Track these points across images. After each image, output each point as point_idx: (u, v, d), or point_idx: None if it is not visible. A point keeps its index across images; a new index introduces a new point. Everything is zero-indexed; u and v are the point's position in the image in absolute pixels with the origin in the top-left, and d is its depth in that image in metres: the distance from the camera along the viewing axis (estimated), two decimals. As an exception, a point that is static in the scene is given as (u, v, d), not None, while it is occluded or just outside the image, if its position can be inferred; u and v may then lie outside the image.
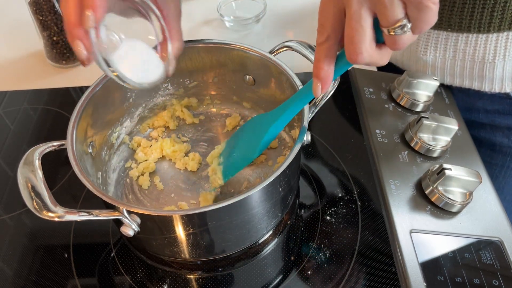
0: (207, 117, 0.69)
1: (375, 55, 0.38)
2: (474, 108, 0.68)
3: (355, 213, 0.58)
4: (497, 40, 0.57)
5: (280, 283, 0.52)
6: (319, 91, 0.43)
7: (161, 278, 0.53)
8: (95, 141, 0.57)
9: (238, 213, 0.48)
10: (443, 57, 0.63)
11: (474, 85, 0.64)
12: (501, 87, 0.62)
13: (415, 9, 0.34)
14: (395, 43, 0.37)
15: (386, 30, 0.36)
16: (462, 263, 0.51)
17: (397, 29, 0.35)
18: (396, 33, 0.36)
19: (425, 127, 0.61)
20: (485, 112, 0.68)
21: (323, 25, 0.40)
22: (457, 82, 0.66)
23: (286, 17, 0.92)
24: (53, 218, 0.42)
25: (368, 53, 0.37)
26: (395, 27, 0.35)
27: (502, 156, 0.71)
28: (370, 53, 0.37)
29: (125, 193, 0.60)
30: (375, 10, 0.36)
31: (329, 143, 0.67)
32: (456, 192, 0.55)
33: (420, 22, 0.35)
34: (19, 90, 0.79)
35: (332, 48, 0.40)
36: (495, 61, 0.59)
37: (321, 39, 0.40)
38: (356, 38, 0.36)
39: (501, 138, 0.69)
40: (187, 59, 0.63)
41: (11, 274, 0.54)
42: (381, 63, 0.39)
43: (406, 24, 0.35)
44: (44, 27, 0.77)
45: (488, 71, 0.60)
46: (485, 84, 0.63)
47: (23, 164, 0.46)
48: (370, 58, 0.38)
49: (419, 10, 0.34)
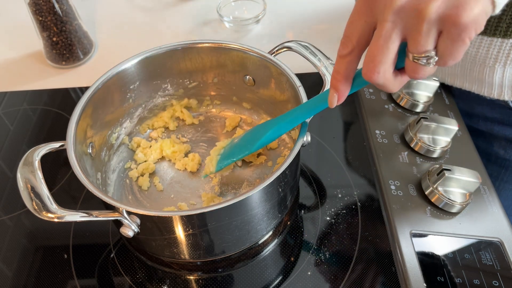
0: (207, 118, 0.69)
1: (390, 79, 0.38)
2: (473, 113, 0.68)
3: (355, 214, 0.58)
4: (501, 46, 0.57)
5: (280, 283, 0.52)
6: (335, 102, 0.43)
7: (160, 279, 0.53)
8: (95, 141, 0.57)
9: (238, 213, 0.48)
10: None
11: (473, 88, 0.64)
12: (500, 94, 0.61)
13: (448, 41, 0.33)
14: (415, 72, 0.36)
15: (411, 56, 0.35)
16: (462, 264, 0.51)
17: (423, 58, 0.35)
18: (421, 62, 0.35)
19: (425, 127, 0.61)
20: (484, 120, 0.67)
21: (349, 37, 0.39)
22: (457, 83, 0.66)
23: (286, 17, 0.92)
24: (53, 219, 0.42)
25: (385, 75, 0.37)
26: (421, 56, 0.35)
27: (497, 167, 0.70)
28: (387, 76, 0.37)
29: (125, 194, 0.60)
30: (407, 35, 0.35)
31: (329, 143, 0.67)
32: (456, 193, 0.55)
33: (448, 55, 0.34)
34: (18, 91, 0.79)
35: (353, 62, 0.40)
36: (495, 66, 0.59)
37: (344, 51, 0.39)
38: (378, 57, 0.36)
39: (498, 149, 0.69)
40: (187, 59, 0.63)
41: (10, 275, 0.54)
42: (392, 90, 0.39)
43: (433, 56, 0.35)
44: (44, 27, 0.77)
45: (487, 75, 0.60)
46: (484, 89, 0.62)
47: (22, 164, 0.46)
48: (384, 81, 0.37)
49: (453, 42, 0.33)
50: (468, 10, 0.31)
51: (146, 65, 0.61)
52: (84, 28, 0.83)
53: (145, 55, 0.60)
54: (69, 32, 0.79)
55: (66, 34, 0.79)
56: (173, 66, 0.63)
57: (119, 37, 0.89)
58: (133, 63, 0.59)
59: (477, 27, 0.32)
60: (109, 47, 0.87)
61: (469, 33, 0.32)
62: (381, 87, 0.39)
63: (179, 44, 0.61)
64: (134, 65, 0.60)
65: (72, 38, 0.80)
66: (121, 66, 0.58)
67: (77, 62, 0.82)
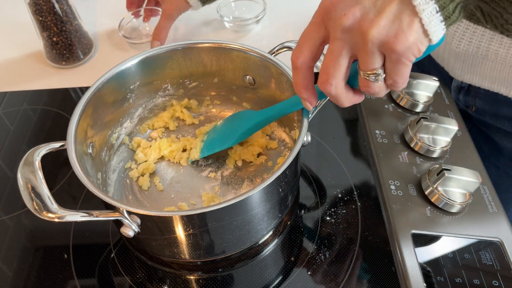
0: (207, 118, 0.69)
1: (342, 92, 0.41)
2: (500, 115, 0.67)
3: (355, 214, 0.58)
4: None
5: (280, 283, 0.52)
6: (308, 106, 0.46)
7: (161, 279, 0.53)
8: (95, 141, 0.57)
9: (238, 213, 0.48)
10: (475, 53, 0.62)
11: (502, 90, 0.63)
12: None
13: (390, 64, 0.37)
14: (367, 87, 0.40)
15: (362, 73, 0.39)
16: (462, 264, 0.51)
17: (371, 75, 0.38)
18: (370, 78, 0.39)
19: (425, 127, 0.61)
20: (511, 121, 0.67)
21: (300, 47, 0.42)
22: (485, 84, 0.65)
23: (286, 17, 0.92)
24: (53, 219, 0.42)
25: (337, 88, 0.40)
26: (369, 74, 0.38)
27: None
28: (339, 89, 0.40)
29: (125, 194, 0.60)
30: (356, 53, 0.38)
31: (329, 143, 0.67)
32: (456, 193, 0.55)
33: (394, 74, 0.38)
34: (18, 91, 0.79)
35: (306, 73, 0.43)
36: None
37: (296, 61, 0.42)
38: (330, 71, 0.39)
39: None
40: (187, 59, 0.63)
41: (10, 274, 0.54)
42: (343, 103, 0.42)
43: (380, 74, 0.38)
44: (44, 27, 0.77)
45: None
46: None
47: (23, 164, 0.46)
48: (336, 93, 0.41)
49: (394, 64, 0.37)
50: (403, 39, 0.35)
51: (146, 65, 0.61)
52: (84, 28, 0.83)
53: (145, 55, 0.60)
54: (69, 32, 0.79)
55: (66, 34, 0.79)
56: (173, 66, 0.63)
57: (119, 37, 0.89)
58: (133, 63, 0.59)
59: (414, 53, 0.36)
60: (109, 47, 0.87)
61: (407, 57, 0.36)
62: (333, 99, 0.42)
63: (179, 44, 0.61)
64: (134, 65, 0.60)
65: (72, 38, 0.80)
66: (121, 66, 0.58)
67: (77, 62, 0.82)
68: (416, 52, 0.36)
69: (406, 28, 0.35)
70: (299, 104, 0.50)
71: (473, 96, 0.69)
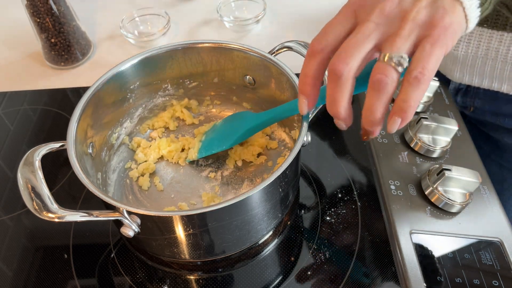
0: (207, 118, 0.69)
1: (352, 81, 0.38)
2: (500, 112, 0.67)
3: (355, 214, 0.58)
4: None
5: (280, 283, 0.52)
6: (305, 108, 0.43)
7: (161, 279, 0.53)
8: (95, 141, 0.57)
9: (238, 213, 0.48)
10: (475, 54, 0.62)
11: (503, 88, 0.63)
12: None
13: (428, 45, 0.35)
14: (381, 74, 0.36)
15: (384, 55, 0.36)
16: (462, 264, 0.51)
17: (395, 58, 0.35)
18: (392, 62, 0.35)
19: (425, 127, 0.61)
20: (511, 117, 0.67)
21: (324, 33, 0.39)
22: (485, 83, 0.65)
23: (286, 17, 0.92)
24: (53, 219, 0.42)
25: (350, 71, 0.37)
26: (394, 56, 0.35)
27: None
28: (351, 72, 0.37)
29: (125, 194, 0.60)
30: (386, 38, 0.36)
31: (329, 143, 0.67)
32: (456, 193, 0.55)
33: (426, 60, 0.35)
34: (18, 91, 0.79)
35: (322, 63, 0.40)
36: None
37: (317, 46, 0.40)
38: (351, 50, 0.37)
39: None
40: (187, 59, 0.63)
41: (10, 274, 0.54)
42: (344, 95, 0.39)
43: (405, 59, 0.36)
44: (42, 29, 0.77)
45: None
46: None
47: (23, 164, 0.46)
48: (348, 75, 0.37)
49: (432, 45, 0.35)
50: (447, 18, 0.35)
51: (146, 65, 0.61)
52: (82, 29, 0.83)
53: (145, 55, 0.60)
54: (67, 33, 0.79)
55: (64, 35, 0.79)
56: (173, 66, 0.63)
57: (118, 37, 0.89)
58: (133, 63, 0.59)
59: (453, 36, 0.36)
60: (107, 47, 0.87)
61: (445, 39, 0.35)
62: (336, 89, 0.38)
63: (179, 44, 0.61)
64: (134, 65, 0.60)
65: (70, 39, 0.80)
66: (121, 66, 0.58)
67: (75, 63, 0.82)
68: (455, 35, 0.36)
69: (450, 10, 0.36)
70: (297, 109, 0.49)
71: (472, 96, 0.69)
